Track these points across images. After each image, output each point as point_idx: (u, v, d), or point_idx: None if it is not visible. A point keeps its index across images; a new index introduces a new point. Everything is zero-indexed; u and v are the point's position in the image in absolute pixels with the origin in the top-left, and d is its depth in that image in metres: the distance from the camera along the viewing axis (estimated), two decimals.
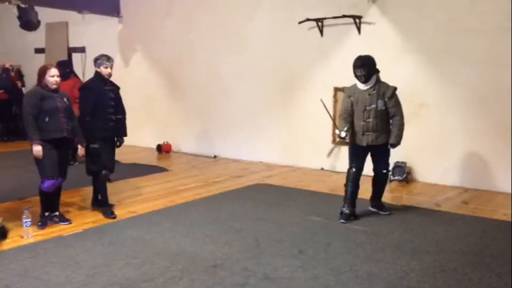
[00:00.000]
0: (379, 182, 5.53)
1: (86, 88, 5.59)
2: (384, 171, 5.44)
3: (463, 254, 4.32)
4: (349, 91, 5.37)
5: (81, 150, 5.27)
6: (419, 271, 3.97)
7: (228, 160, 8.91)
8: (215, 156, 9.18)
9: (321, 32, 7.84)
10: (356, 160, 5.32)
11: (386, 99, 5.18)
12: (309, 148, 8.19)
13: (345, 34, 7.65)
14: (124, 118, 5.73)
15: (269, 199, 6.19)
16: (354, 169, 5.31)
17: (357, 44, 7.56)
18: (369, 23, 7.43)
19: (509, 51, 6.32)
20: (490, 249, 4.44)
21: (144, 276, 3.83)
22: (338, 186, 6.84)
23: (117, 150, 5.73)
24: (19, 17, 8.46)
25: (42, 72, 4.96)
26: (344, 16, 7.39)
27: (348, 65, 7.60)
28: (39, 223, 4.96)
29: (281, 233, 4.89)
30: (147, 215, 5.46)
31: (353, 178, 5.31)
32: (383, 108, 5.17)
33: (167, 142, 9.66)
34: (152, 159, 8.93)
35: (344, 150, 7.72)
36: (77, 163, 7.95)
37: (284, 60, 8.33)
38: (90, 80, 5.66)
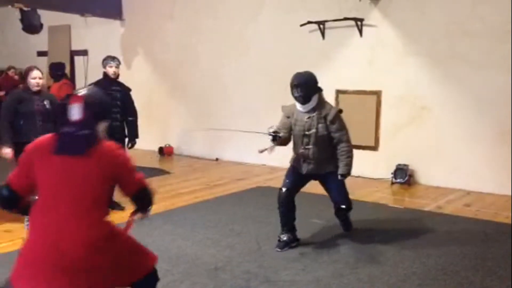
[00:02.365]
0: (340, 219, 4.82)
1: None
2: (343, 206, 4.58)
3: (465, 257, 4.31)
4: (287, 111, 4.59)
5: None
6: (421, 274, 3.96)
7: (230, 162, 8.91)
8: (217, 159, 9.18)
9: (323, 34, 7.85)
10: (290, 181, 4.60)
11: (328, 123, 4.43)
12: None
13: (346, 37, 7.65)
14: (135, 120, 5.81)
15: (270, 202, 6.16)
16: (283, 189, 4.58)
17: (359, 47, 7.58)
18: (371, 26, 7.43)
19: (510, 54, 6.31)
20: (492, 252, 4.42)
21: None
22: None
23: None
24: (22, 20, 8.51)
25: (25, 74, 5.01)
26: (345, 18, 7.39)
27: (351, 67, 7.69)
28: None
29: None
30: (148, 218, 5.45)
31: (283, 201, 4.55)
32: (325, 133, 4.43)
33: (169, 144, 9.66)
34: (153, 161, 8.94)
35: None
36: None
37: (285, 63, 8.32)
38: (97, 81, 5.77)
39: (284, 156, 8.37)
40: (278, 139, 4.30)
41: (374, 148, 7.55)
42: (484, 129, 6.68)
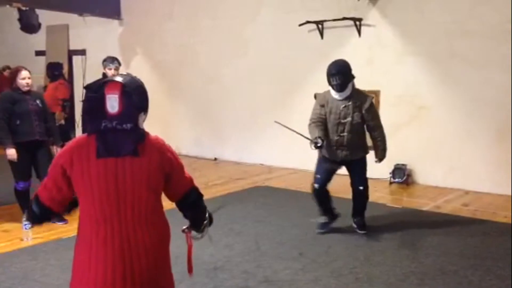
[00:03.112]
0: (356, 200, 4.98)
1: (89, 87, 5.61)
2: (361, 187, 4.82)
3: (463, 257, 4.31)
4: (321, 99, 4.73)
5: (56, 150, 5.28)
6: (419, 273, 3.96)
7: (228, 162, 8.91)
8: (215, 159, 9.18)
9: (321, 34, 7.85)
10: (322, 176, 4.77)
11: (363, 111, 4.62)
12: (310, 151, 8.16)
13: (345, 37, 7.65)
14: None
15: (269, 201, 6.19)
16: (317, 186, 4.78)
17: (358, 47, 7.57)
18: (370, 26, 7.43)
19: (510, 54, 6.32)
20: (490, 252, 4.43)
21: None
22: (339, 188, 6.82)
23: None
24: (20, 20, 8.49)
25: (13, 75, 5.00)
26: (344, 18, 7.40)
27: None
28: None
29: (281, 235, 4.89)
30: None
31: (317, 196, 4.81)
32: (359, 121, 4.62)
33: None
34: None
35: None
36: None
37: (284, 63, 8.33)
38: (95, 81, 5.70)
39: (281, 155, 8.41)
40: (322, 147, 4.48)
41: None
42: (482, 128, 6.69)
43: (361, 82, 7.58)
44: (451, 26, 6.78)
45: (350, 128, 4.60)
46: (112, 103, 2.04)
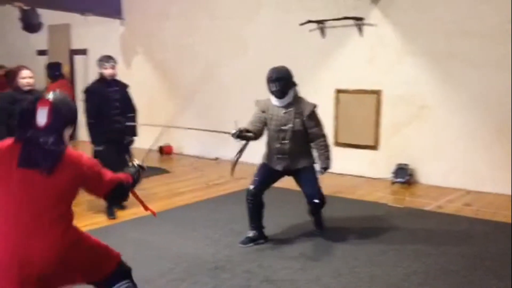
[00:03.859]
0: (313, 213, 4.77)
1: (88, 90, 5.54)
2: (316, 200, 4.54)
3: (465, 257, 4.31)
4: (263, 105, 4.60)
5: None
6: (421, 273, 3.96)
7: (229, 162, 8.86)
8: (216, 158, 9.18)
9: (323, 34, 7.85)
10: (260, 180, 4.60)
11: (304, 118, 4.47)
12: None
13: (346, 36, 7.65)
14: (134, 116, 5.63)
15: (269, 201, 6.15)
16: (252, 188, 4.60)
17: (359, 46, 7.57)
18: (371, 25, 7.43)
19: (509, 53, 6.31)
20: (491, 252, 4.43)
21: (146, 278, 3.83)
22: (340, 188, 6.84)
23: None
24: (22, 19, 8.49)
25: (14, 74, 4.95)
26: (345, 18, 7.39)
27: (351, 67, 7.69)
28: None
29: (282, 235, 4.88)
30: (149, 217, 5.38)
31: (251, 199, 4.58)
32: (301, 128, 4.47)
33: (168, 144, 9.66)
34: (153, 161, 8.93)
35: (344, 152, 7.73)
36: None
37: (285, 62, 8.17)
38: (93, 82, 5.62)
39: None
40: (242, 137, 4.36)
41: (374, 147, 7.55)
42: (483, 128, 6.68)
43: (362, 82, 7.66)
44: (452, 26, 6.77)
45: (292, 135, 4.45)
46: (40, 115, 2.30)
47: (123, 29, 10.45)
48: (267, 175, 4.62)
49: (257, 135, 4.53)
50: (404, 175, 7.08)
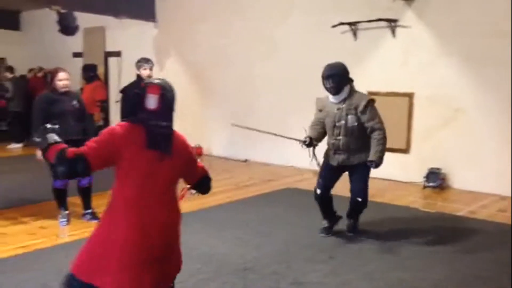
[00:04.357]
0: (352, 209, 4.81)
1: (125, 90, 5.80)
2: (359, 199, 4.60)
3: (498, 263, 4.21)
4: (320, 104, 4.73)
5: None
6: (453, 279, 3.89)
7: (258, 164, 8.93)
8: (246, 160, 9.22)
9: (355, 35, 7.79)
10: (324, 180, 4.71)
11: (359, 114, 4.46)
12: None
13: (379, 38, 7.57)
14: None
15: (299, 203, 6.17)
16: (318, 192, 4.73)
17: (392, 48, 7.49)
18: (405, 27, 7.33)
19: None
20: None
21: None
22: (371, 192, 6.74)
23: None
24: (59, 22, 8.72)
25: (52, 76, 5.11)
26: (379, 19, 7.31)
27: (383, 69, 7.61)
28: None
29: (311, 238, 4.87)
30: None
31: (318, 200, 4.76)
32: (355, 124, 4.47)
33: (198, 145, 9.75)
34: None
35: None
36: None
37: (316, 65, 8.17)
38: (131, 83, 5.88)
39: (309, 159, 8.35)
40: (312, 145, 4.54)
41: (406, 151, 7.44)
42: None
43: (395, 84, 7.55)
44: (486, 27, 6.62)
45: (345, 131, 4.51)
46: (151, 101, 2.45)
47: (156, 31, 10.61)
48: (328, 174, 4.72)
49: (320, 139, 4.69)
50: (436, 180, 6.95)
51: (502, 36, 6.51)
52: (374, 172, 6.11)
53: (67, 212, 5.03)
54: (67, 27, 8.77)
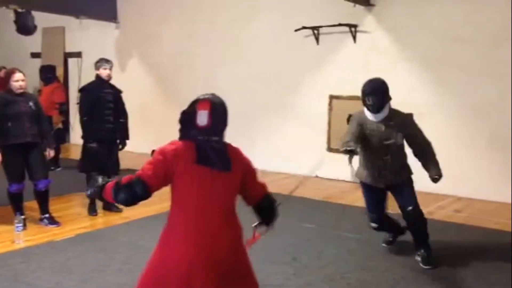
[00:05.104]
0: (410, 224, 4.43)
1: (84, 89, 5.77)
2: (410, 207, 4.34)
3: (455, 263, 4.33)
4: (359, 119, 4.34)
5: (49, 153, 5.26)
6: (411, 279, 3.98)
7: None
8: None
9: (317, 40, 7.89)
10: (374, 211, 4.47)
11: (407, 131, 4.29)
12: (304, 156, 8.19)
13: (340, 43, 7.69)
14: (126, 122, 5.87)
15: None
16: (375, 226, 4.53)
17: (353, 53, 7.61)
18: (365, 32, 7.47)
19: (507, 60, 6.35)
20: (481, 259, 4.45)
21: (137, 282, 3.81)
22: (332, 194, 6.86)
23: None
24: (16, 21, 8.48)
25: (7, 77, 4.99)
26: (340, 24, 7.43)
27: (345, 73, 7.72)
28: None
29: (274, 240, 4.85)
30: (140, 221, 5.45)
31: (378, 227, 4.56)
32: (402, 142, 4.33)
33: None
34: None
35: (336, 157, 7.76)
36: (60, 168, 8.02)
37: (280, 68, 8.36)
38: (90, 83, 5.86)
39: (275, 160, 8.41)
40: (352, 154, 4.12)
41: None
42: (475, 135, 6.73)
43: (356, 88, 7.64)
44: (446, 33, 6.83)
45: (393, 150, 4.28)
46: (202, 118, 2.44)
47: (118, 32, 10.45)
48: (375, 202, 4.48)
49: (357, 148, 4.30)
50: None
51: (460, 41, 6.72)
52: (335, 174, 6.21)
53: (23, 217, 4.88)
54: (25, 27, 8.54)
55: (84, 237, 4.87)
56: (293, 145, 8.32)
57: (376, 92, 4.19)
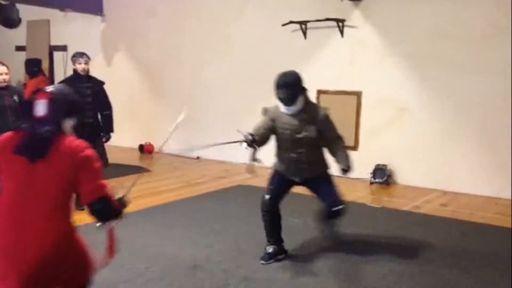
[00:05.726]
0: (327, 217, 4.37)
1: (61, 83, 5.71)
2: (339, 207, 4.16)
3: (441, 256, 4.37)
4: (271, 114, 4.21)
5: None
6: (397, 272, 4.01)
7: (211, 161, 8.88)
8: (198, 157, 9.15)
9: (305, 34, 7.88)
10: (275, 188, 4.28)
11: (319, 124, 4.14)
12: None
13: (328, 37, 7.70)
14: (110, 114, 5.83)
15: (251, 200, 6.18)
16: (267, 197, 4.26)
17: (340, 47, 7.63)
18: (352, 27, 7.49)
19: (493, 57, 6.42)
20: (467, 252, 4.50)
21: (123, 277, 3.80)
22: None
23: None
24: (0, 14, 8.35)
25: None
26: (327, 19, 7.43)
27: (332, 68, 7.74)
28: None
29: (262, 235, 4.87)
30: (126, 216, 5.40)
31: (267, 209, 4.26)
32: (316, 135, 4.14)
33: (149, 142, 9.60)
34: (133, 159, 8.87)
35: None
36: None
37: (268, 62, 8.32)
38: (66, 77, 5.86)
39: (264, 155, 8.40)
40: (254, 143, 3.96)
41: (354, 148, 7.60)
42: (462, 130, 6.79)
43: (343, 83, 7.71)
44: (433, 29, 6.87)
45: (307, 143, 4.14)
46: (38, 107, 2.36)
47: (103, 25, 10.35)
48: (281, 184, 4.31)
49: (263, 143, 4.14)
50: (382, 176, 7.16)
51: (446, 37, 6.77)
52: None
53: None
54: (9, 20, 8.42)
55: None
56: None
57: (287, 85, 4.07)
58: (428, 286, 3.79)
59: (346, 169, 4.21)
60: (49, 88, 2.45)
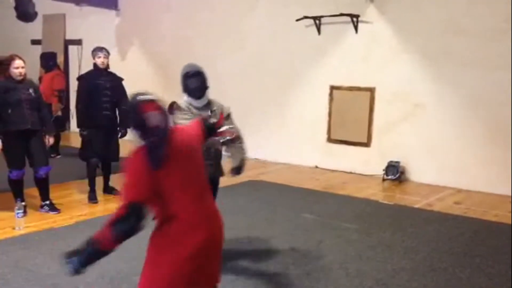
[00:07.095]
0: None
1: (80, 78, 5.88)
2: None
3: (453, 254, 4.35)
4: (184, 107, 4.12)
5: (48, 140, 5.29)
6: (409, 270, 4.00)
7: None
8: None
9: (319, 30, 7.85)
10: None
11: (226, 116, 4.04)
12: (304, 146, 8.20)
13: (342, 33, 7.66)
14: (126, 109, 5.89)
15: (262, 195, 6.21)
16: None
17: (354, 43, 7.59)
18: (367, 22, 7.44)
19: (507, 53, 6.34)
20: (480, 250, 4.47)
21: (135, 269, 3.82)
22: (332, 184, 6.87)
23: None
24: (16, 8, 8.43)
25: (8, 63, 4.96)
26: (341, 14, 7.40)
27: (345, 63, 7.71)
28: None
29: (273, 230, 4.91)
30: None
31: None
32: None
33: None
34: None
35: (336, 148, 7.79)
36: (59, 156, 8.06)
37: (281, 57, 8.33)
38: (87, 71, 5.94)
39: (275, 150, 8.42)
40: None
41: (367, 144, 7.59)
42: (476, 127, 6.73)
43: (357, 79, 7.67)
44: (447, 25, 6.80)
45: None
46: (153, 118, 2.36)
47: (118, 20, 10.40)
48: None
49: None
50: (395, 173, 7.12)
51: (460, 33, 6.70)
52: (335, 165, 6.18)
53: (23, 203, 4.89)
54: (25, 13, 8.48)
55: (84, 224, 4.88)
56: (294, 136, 8.32)
57: (199, 73, 4.02)
58: (440, 284, 3.77)
59: (238, 168, 4.22)
60: (148, 97, 2.45)
